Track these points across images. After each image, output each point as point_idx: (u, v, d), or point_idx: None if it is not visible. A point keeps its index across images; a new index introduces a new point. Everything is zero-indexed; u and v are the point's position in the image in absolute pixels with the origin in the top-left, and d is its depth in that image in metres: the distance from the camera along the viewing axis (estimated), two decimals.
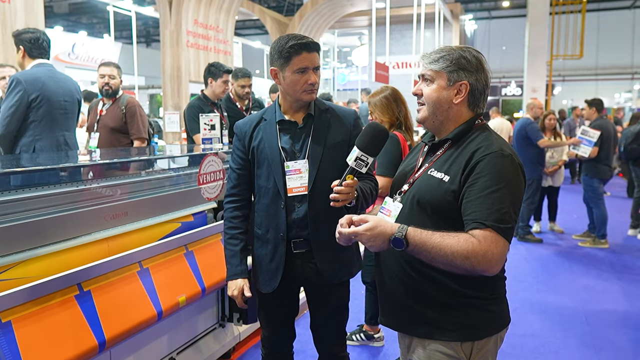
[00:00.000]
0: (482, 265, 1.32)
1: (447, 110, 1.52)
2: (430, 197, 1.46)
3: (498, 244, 1.34)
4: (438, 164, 1.51)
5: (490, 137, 1.48)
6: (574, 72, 23.41)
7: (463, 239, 1.34)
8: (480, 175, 1.39)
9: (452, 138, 1.51)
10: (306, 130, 1.98)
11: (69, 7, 17.96)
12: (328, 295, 2.07)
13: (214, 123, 3.53)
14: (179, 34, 9.03)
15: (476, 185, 1.39)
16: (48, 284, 1.92)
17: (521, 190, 1.44)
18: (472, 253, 1.32)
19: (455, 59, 1.49)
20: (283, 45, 1.87)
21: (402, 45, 17.08)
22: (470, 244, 1.33)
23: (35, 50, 3.49)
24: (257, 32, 22.62)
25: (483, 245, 1.32)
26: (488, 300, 1.49)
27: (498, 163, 1.40)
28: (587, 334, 3.62)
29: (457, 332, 1.46)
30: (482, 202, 1.36)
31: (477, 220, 1.35)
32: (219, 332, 3.07)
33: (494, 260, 1.33)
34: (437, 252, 1.34)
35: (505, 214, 1.35)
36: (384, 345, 3.38)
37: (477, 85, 1.50)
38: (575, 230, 6.62)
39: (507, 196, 1.37)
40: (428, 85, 1.53)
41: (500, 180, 1.38)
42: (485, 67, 1.51)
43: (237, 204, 2.05)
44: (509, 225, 1.36)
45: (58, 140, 3.54)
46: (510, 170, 1.41)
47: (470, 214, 1.38)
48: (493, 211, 1.35)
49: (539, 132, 6.00)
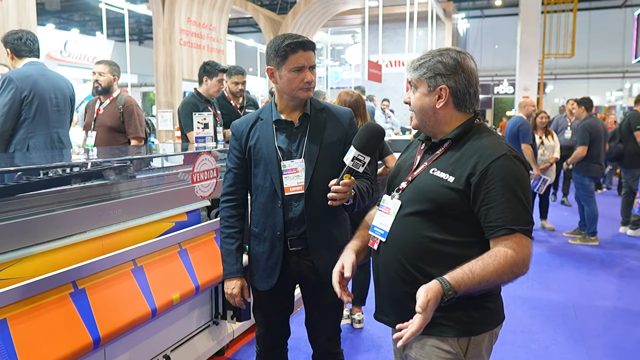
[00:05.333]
0: (523, 271, 1.41)
1: (433, 115, 1.54)
2: (435, 197, 1.47)
3: (528, 245, 1.41)
4: (440, 164, 1.51)
5: (491, 138, 1.51)
6: (566, 70, 23.52)
7: (502, 257, 1.39)
8: (496, 181, 1.42)
9: (453, 138, 1.53)
10: (302, 130, 2.00)
11: (60, 5, 17.82)
12: (324, 293, 2.07)
13: (207, 122, 3.54)
14: (172, 32, 9.01)
15: (493, 190, 1.42)
16: (43, 282, 1.93)
17: (530, 188, 1.51)
18: (515, 265, 1.39)
19: (432, 65, 1.51)
20: (279, 45, 1.89)
21: (395, 44, 17.11)
22: (510, 257, 1.39)
23: (21, 49, 3.49)
24: (251, 30, 22.55)
25: (519, 253, 1.39)
26: (484, 298, 1.51)
27: (508, 165, 1.44)
28: (577, 330, 3.67)
29: (454, 328, 1.48)
30: (504, 208, 1.41)
31: (505, 227, 1.40)
32: (213, 330, 3.09)
33: (529, 261, 1.42)
34: (487, 283, 1.39)
35: (527, 215, 1.43)
36: (362, 327, 3.61)
37: (458, 87, 1.50)
38: (566, 228, 6.69)
39: (524, 199, 1.43)
40: (414, 92, 1.56)
41: (515, 184, 1.43)
42: (465, 67, 1.51)
43: (233, 203, 2.07)
44: (531, 226, 1.44)
45: (52, 138, 3.54)
46: (521, 171, 1.46)
47: (496, 219, 1.42)
48: (517, 215, 1.41)
49: (529, 135, 6.00)
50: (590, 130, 5.91)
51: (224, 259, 2.07)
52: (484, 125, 1.57)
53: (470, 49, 23.18)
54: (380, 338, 3.43)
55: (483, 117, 16.72)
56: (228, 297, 2.07)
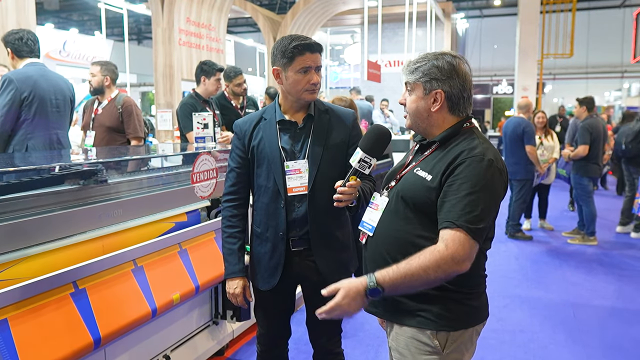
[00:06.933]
0: (453, 267, 1.39)
1: (427, 118, 1.57)
2: (414, 195, 1.52)
3: (466, 244, 1.40)
4: (424, 164, 1.56)
5: (475, 141, 1.52)
6: (565, 70, 23.54)
7: (428, 253, 1.41)
8: (458, 177, 1.44)
9: (439, 140, 1.56)
10: (306, 131, 2.00)
11: (59, 5, 17.80)
12: None
13: (207, 122, 3.55)
14: (171, 32, 9.00)
15: (453, 186, 1.44)
16: (44, 282, 1.93)
17: (497, 194, 1.48)
18: (442, 260, 1.39)
19: (428, 70, 1.53)
20: (287, 46, 1.89)
21: (394, 44, 17.11)
22: (436, 253, 1.40)
23: (22, 49, 3.49)
24: (250, 30, 22.54)
25: (450, 248, 1.39)
26: (468, 295, 1.54)
27: (476, 167, 1.45)
28: (576, 330, 3.69)
29: (433, 322, 1.51)
30: (456, 203, 1.42)
31: (449, 220, 1.42)
32: (213, 330, 3.10)
33: (462, 259, 1.40)
34: (411, 278, 1.40)
35: (476, 216, 1.41)
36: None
37: (453, 91, 1.53)
38: (565, 228, 6.70)
39: (480, 200, 1.42)
40: (410, 95, 1.59)
41: (477, 184, 1.43)
42: (460, 72, 1.53)
43: (235, 202, 2.07)
44: (479, 227, 1.42)
45: (51, 139, 3.54)
46: (487, 175, 1.45)
47: (444, 213, 1.44)
48: (465, 212, 1.41)
49: (534, 137, 6.04)
50: (591, 131, 5.91)
51: (225, 259, 2.07)
52: (474, 129, 1.59)
53: (469, 49, 23.21)
54: (379, 338, 3.44)
55: (482, 117, 16.71)
56: (230, 296, 2.06)
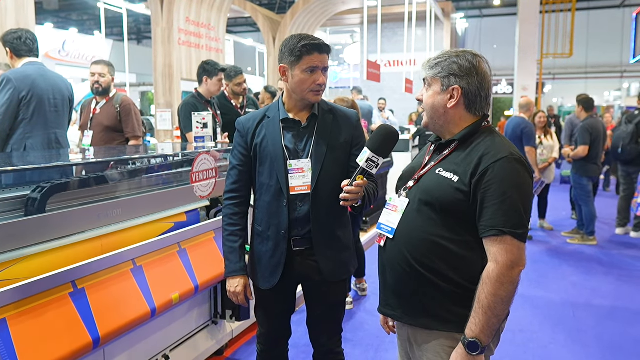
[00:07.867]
0: (513, 275, 1.42)
1: (444, 114, 1.57)
2: (440, 196, 1.50)
3: (514, 248, 1.42)
4: (446, 164, 1.54)
5: (497, 140, 1.52)
6: (564, 70, 23.56)
7: (486, 279, 1.43)
8: (494, 182, 1.44)
9: (459, 139, 1.55)
10: (309, 130, 2.00)
11: (59, 4, 17.77)
12: (326, 293, 2.09)
13: (206, 121, 3.55)
14: (171, 31, 8.99)
15: (490, 191, 1.44)
16: (42, 282, 1.93)
17: (530, 190, 1.51)
18: (501, 276, 1.41)
19: (447, 65, 1.54)
20: (295, 44, 1.89)
21: (394, 44, 17.11)
22: (492, 274, 1.42)
23: (21, 49, 3.48)
24: (249, 30, 22.54)
25: (501, 262, 1.41)
26: None
27: (508, 168, 1.45)
28: (575, 329, 3.68)
29: (459, 324, 1.49)
30: (497, 209, 1.42)
31: (495, 227, 1.42)
32: (212, 329, 3.09)
33: (516, 263, 1.42)
34: (492, 310, 1.43)
35: (520, 218, 1.43)
36: (367, 295, 4.18)
37: (470, 89, 1.53)
38: (564, 228, 6.70)
39: (519, 201, 1.44)
40: (427, 90, 1.59)
41: (512, 186, 1.44)
42: (480, 71, 1.53)
43: (236, 200, 2.06)
44: (524, 230, 1.44)
45: (49, 138, 3.53)
46: (521, 174, 1.46)
47: (488, 220, 1.44)
48: (509, 217, 1.42)
49: (533, 138, 5.98)
50: (590, 131, 5.90)
51: (226, 257, 2.05)
52: (492, 128, 1.59)
53: (469, 48, 23.19)
54: (379, 338, 3.44)
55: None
56: (231, 295, 2.05)
